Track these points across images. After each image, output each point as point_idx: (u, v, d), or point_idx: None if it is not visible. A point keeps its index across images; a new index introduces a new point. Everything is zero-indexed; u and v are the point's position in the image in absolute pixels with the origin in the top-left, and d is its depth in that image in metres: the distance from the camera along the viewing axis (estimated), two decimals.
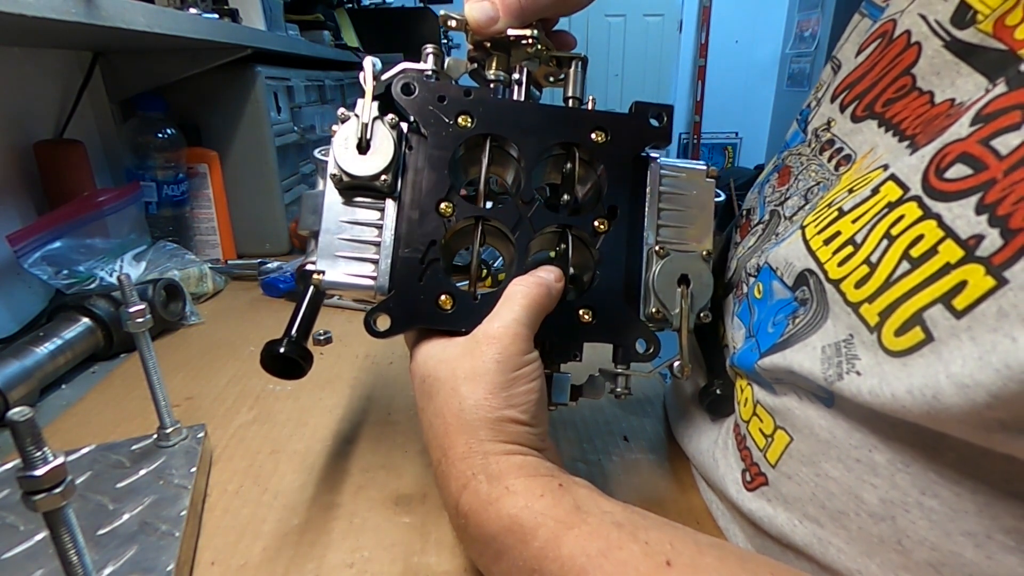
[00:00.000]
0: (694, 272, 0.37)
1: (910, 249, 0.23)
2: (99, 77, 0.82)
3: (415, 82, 0.37)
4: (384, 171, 0.35)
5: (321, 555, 0.35)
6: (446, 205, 0.36)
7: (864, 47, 0.35)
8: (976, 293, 0.21)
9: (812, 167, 0.37)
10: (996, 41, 0.26)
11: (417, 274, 0.36)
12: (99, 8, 0.50)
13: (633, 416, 0.49)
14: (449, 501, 0.29)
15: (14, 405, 0.43)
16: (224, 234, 0.86)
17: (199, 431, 0.43)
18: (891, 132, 0.31)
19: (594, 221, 0.38)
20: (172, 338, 0.65)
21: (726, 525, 0.36)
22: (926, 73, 0.29)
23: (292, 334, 0.37)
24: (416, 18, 2.11)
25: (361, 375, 0.55)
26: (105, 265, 0.68)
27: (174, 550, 0.32)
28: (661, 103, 0.39)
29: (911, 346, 0.22)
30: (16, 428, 0.21)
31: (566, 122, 0.38)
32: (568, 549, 0.25)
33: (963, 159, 0.22)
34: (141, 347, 0.39)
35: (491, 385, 0.30)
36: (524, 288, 0.33)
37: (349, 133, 0.36)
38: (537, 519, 0.26)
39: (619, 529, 0.25)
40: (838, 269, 0.27)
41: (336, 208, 0.36)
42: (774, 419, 0.31)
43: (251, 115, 0.87)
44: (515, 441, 0.30)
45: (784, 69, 3.63)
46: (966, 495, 0.23)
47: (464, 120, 0.37)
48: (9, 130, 0.69)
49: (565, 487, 0.28)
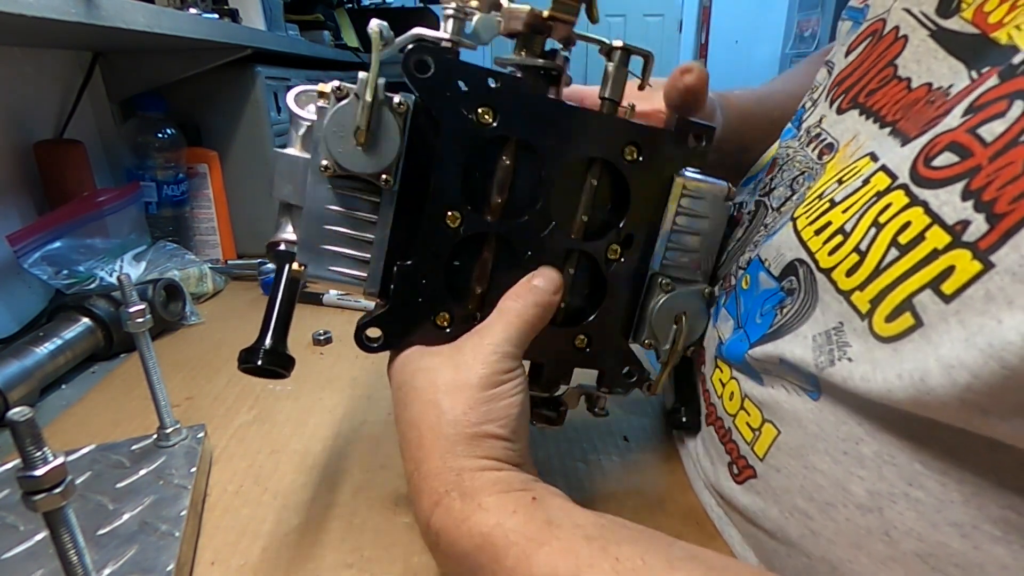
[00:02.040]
0: (692, 311, 0.37)
1: (898, 236, 0.24)
2: (99, 77, 0.82)
3: (431, 58, 0.30)
4: (387, 169, 0.31)
5: (321, 555, 0.35)
6: (453, 215, 0.32)
7: (853, 47, 0.36)
8: (964, 278, 0.21)
9: (797, 158, 0.37)
10: (972, 27, 0.27)
11: (415, 290, 0.33)
12: (99, 8, 0.50)
13: (633, 416, 0.48)
14: (421, 516, 0.29)
15: (14, 405, 0.43)
16: (224, 234, 0.86)
17: (199, 431, 0.43)
18: (871, 119, 0.31)
19: (608, 246, 0.35)
20: (172, 338, 0.65)
21: (722, 527, 0.36)
22: (908, 62, 0.30)
23: (267, 343, 0.33)
24: (416, 18, 2.12)
25: (361, 375, 0.55)
26: (105, 265, 0.67)
27: (174, 550, 0.32)
28: (705, 123, 0.35)
29: (901, 331, 0.23)
30: (16, 428, 0.21)
31: (601, 132, 0.33)
32: (539, 568, 0.24)
33: (951, 147, 0.23)
34: (141, 347, 0.39)
35: (472, 400, 0.29)
36: (519, 307, 0.32)
37: (346, 117, 0.30)
38: (509, 537, 0.25)
39: (590, 544, 0.25)
40: (829, 258, 0.27)
41: (321, 193, 0.31)
42: (762, 412, 0.31)
43: (251, 115, 0.87)
44: (491, 456, 0.29)
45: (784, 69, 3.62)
46: (952, 485, 0.23)
47: (485, 114, 0.31)
48: (9, 130, 0.69)
49: (538, 500, 0.27)
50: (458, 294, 0.34)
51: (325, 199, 0.32)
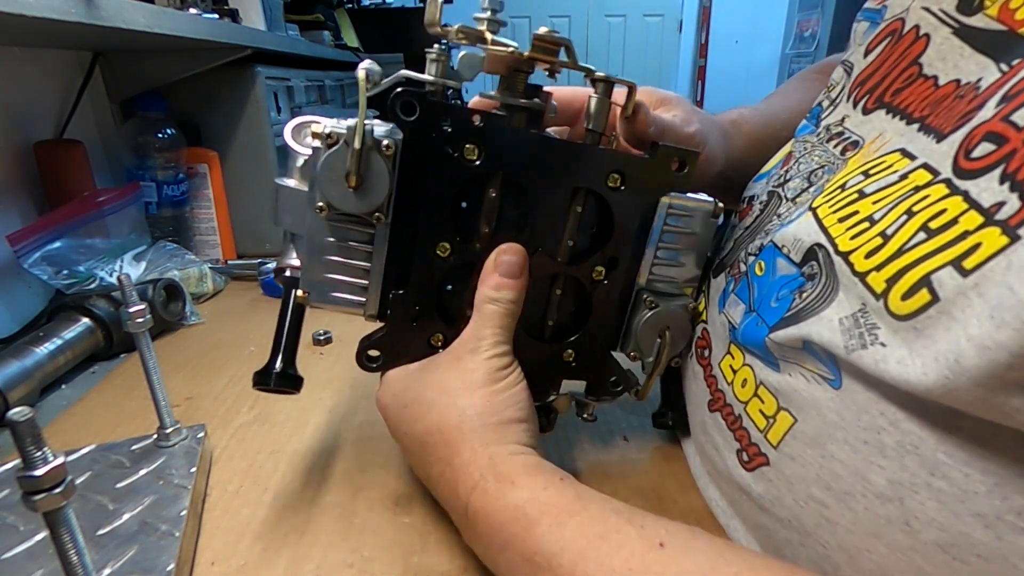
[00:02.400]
0: (676, 325, 0.38)
1: (929, 222, 0.24)
2: (99, 77, 0.82)
3: (416, 101, 0.31)
4: (379, 207, 0.33)
5: (321, 555, 0.35)
6: (444, 246, 0.34)
7: (872, 47, 0.36)
8: (988, 252, 0.21)
9: (816, 152, 0.37)
10: (999, 24, 0.27)
11: (410, 316, 0.36)
12: (99, 8, 0.50)
13: (633, 416, 0.48)
14: (457, 505, 0.31)
15: (14, 405, 0.43)
16: (224, 234, 0.86)
17: (199, 431, 0.43)
18: (898, 117, 0.31)
19: (593, 269, 0.37)
20: (172, 338, 0.65)
21: (726, 522, 0.36)
22: (932, 60, 0.30)
23: (278, 365, 0.36)
24: (416, 18, 2.11)
25: (361, 375, 0.54)
26: (105, 265, 0.67)
27: (174, 550, 0.32)
28: (687, 148, 0.36)
29: (917, 308, 0.23)
30: (16, 428, 0.21)
31: (583, 163, 0.34)
32: (570, 533, 0.27)
33: (987, 137, 0.23)
34: (141, 347, 0.39)
35: (486, 394, 0.33)
36: (497, 309, 0.35)
37: (336, 163, 0.31)
38: (541, 508, 0.28)
39: (618, 515, 0.27)
40: (849, 242, 0.27)
41: (319, 227, 0.33)
42: (777, 400, 0.31)
43: (251, 115, 0.87)
44: (517, 441, 0.32)
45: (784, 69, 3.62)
46: (976, 476, 0.23)
47: (471, 152, 0.33)
48: (9, 130, 0.69)
49: (566, 480, 0.30)
50: (450, 316, 0.37)
51: (323, 233, 0.34)
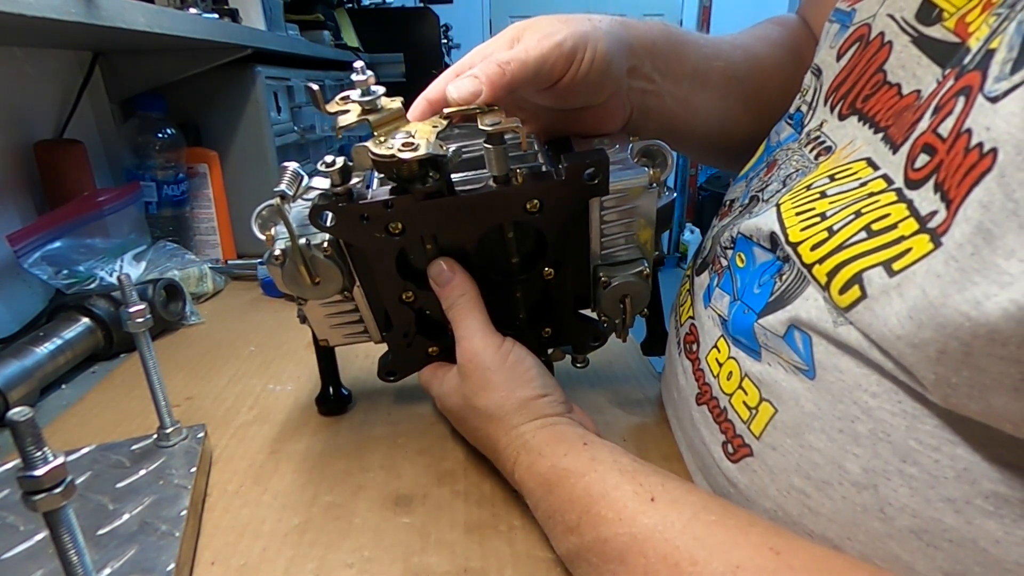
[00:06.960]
0: (633, 291, 0.42)
1: (873, 224, 0.26)
2: (99, 77, 0.82)
3: (328, 211, 0.35)
4: (343, 287, 0.39)
5: (321, 555, 0.35)
6: (407, 295, 0.41)
7: (843, 51, 0.37)
8: (915, 256, 0.23)
9: (794, 158, 0.38)
10: (954, 36, 0.28)
11: (404, 343, 0.43)
12: (99, 8, 0.50)
13: (633, 416, 0.48)
14: (510, 479, 0.37)
15: (14, 405, 0.43)
16: (224, 234, 0.86)
17: (199, 431, 0.43)
18: (867, 125, 0.33)
19: (543, 270, 0.41)
20: (172, 338, 0.65)
21: None
22: (894, 67, 0.32)
23: (330, 392, 0.48)
24: (416, 18, 2.11)
25: (361, 375, 0.55)
26: (105, 265, 0.67)
27: (174, 550, 0.32)
28: (595, 151, 0.36)
29: (851, 303, 0.25)
30: (16, 428, 0.21)
31: (497, 205, 0.37)
32: (579, 492, 0.31)
33: (924, 149, 0.25)
34: (141, 347, 0.39)
35: (497, 384, 0.37)
36: (462, 310, 0.39)
37: (291, 274, 0.37)
38: (560, 474, 0.32)
39: (621, 474, 0.31)
40: (800, 234, 0.30)
41: (310, 307, 0.41)
42: (760, 391, 0.32)
43: (251, 115, 0.87)
44: (542, 415, 0.36)
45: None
46: (945, 462, 0.23)
47: (394, 227, 0.36)
48: (9, 130, 0.69)
49: (589, 445, 0.33)
50: (434, 331, 0.43)
51: (315, 310, 0.42)
